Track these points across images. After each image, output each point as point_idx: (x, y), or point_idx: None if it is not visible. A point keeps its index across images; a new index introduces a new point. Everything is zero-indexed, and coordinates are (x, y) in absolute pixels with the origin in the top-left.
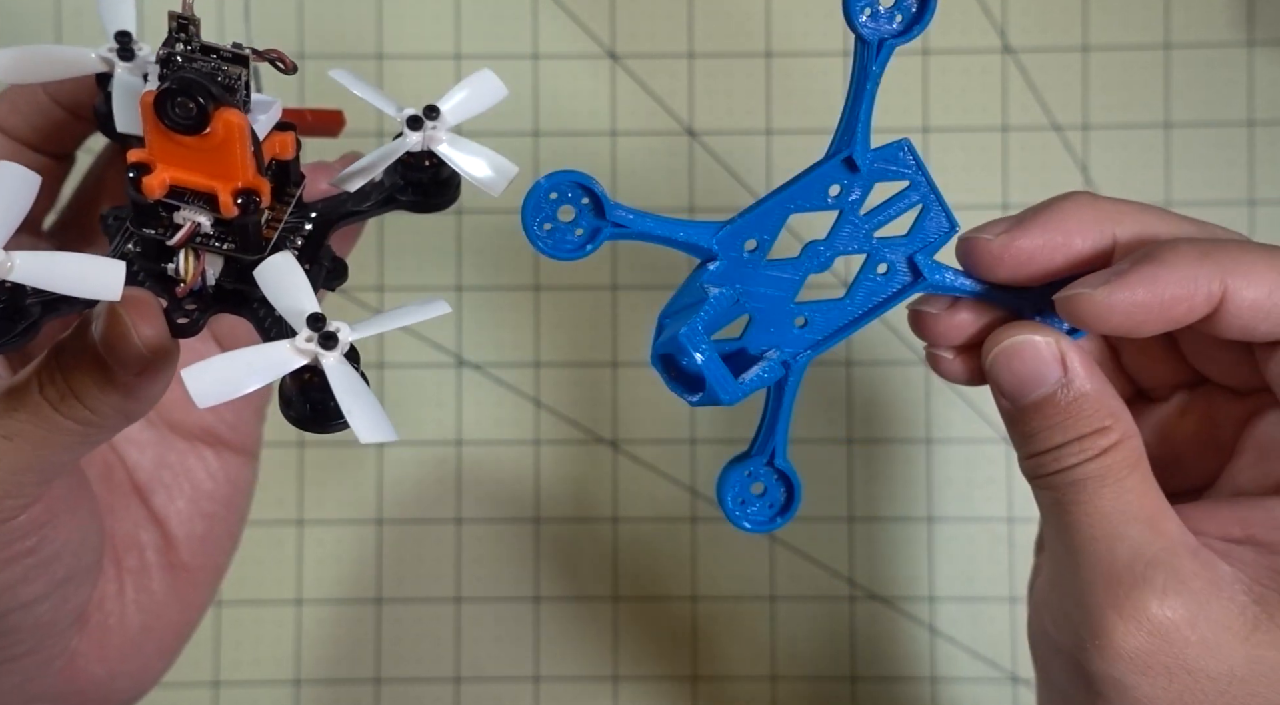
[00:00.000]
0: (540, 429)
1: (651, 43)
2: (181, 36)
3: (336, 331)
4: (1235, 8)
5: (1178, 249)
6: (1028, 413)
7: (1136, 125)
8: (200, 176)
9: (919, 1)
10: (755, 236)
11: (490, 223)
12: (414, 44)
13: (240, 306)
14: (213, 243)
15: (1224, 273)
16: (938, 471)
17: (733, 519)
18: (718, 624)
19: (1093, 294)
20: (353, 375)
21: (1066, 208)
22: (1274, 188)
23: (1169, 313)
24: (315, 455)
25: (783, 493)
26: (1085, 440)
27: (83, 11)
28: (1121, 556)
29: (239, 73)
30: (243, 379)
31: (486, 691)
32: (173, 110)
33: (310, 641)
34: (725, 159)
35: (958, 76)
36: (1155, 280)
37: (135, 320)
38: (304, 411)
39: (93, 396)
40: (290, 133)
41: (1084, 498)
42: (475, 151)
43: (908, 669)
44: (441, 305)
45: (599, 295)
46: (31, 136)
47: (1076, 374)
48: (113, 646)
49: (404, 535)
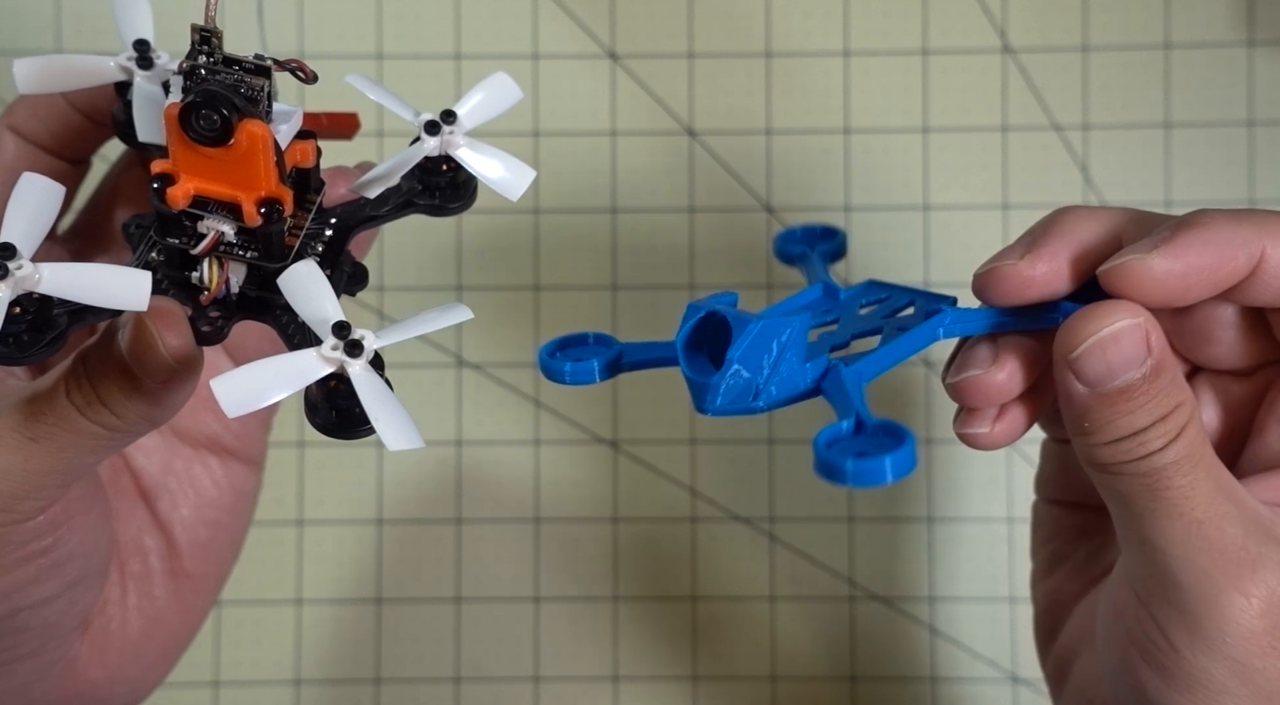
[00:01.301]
0: (540, 429)
1: (651, 43)
2: (204, 49)
3: (361, 339)
4: (1235, 8)
5: (1212, 215)
6: (1110, 398)
7: (1136, 125)
8: (223, 186)
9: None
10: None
11: (490, 223)
12: (414, 44)
13: (264, 313)
14: (236, 251)
15: (1261, 234)
16: (938, 471)
17: (852, 475)
18: (718, 624)
19: (1145, 259)
20: (379, 383)
21: (1069, 218)
22: (1274, 188)
23: (1216, 275)
24: (315, 455)
25: (888, 441)
26: (1167, 420)
27: (83, 13)
28: (1233, 535)
29: (261, 84)
30: (270, 388)
31: (486, 691)
32: (197, 123)
33: (310, 641)
34: (725, 159)
35: (958, 76)
36: (1204, 244)
37: (161, 330)
38: (330, 418)
39: (119, 403)
40: (311, 141)
41: (1181, 480)
42: (493, 155)
43: (908, 669)
44: (464, 311)
45: (599, 295)
46: (49, 141)
47: (1157, 350)
48: (113, 651)
49: (404, 535)
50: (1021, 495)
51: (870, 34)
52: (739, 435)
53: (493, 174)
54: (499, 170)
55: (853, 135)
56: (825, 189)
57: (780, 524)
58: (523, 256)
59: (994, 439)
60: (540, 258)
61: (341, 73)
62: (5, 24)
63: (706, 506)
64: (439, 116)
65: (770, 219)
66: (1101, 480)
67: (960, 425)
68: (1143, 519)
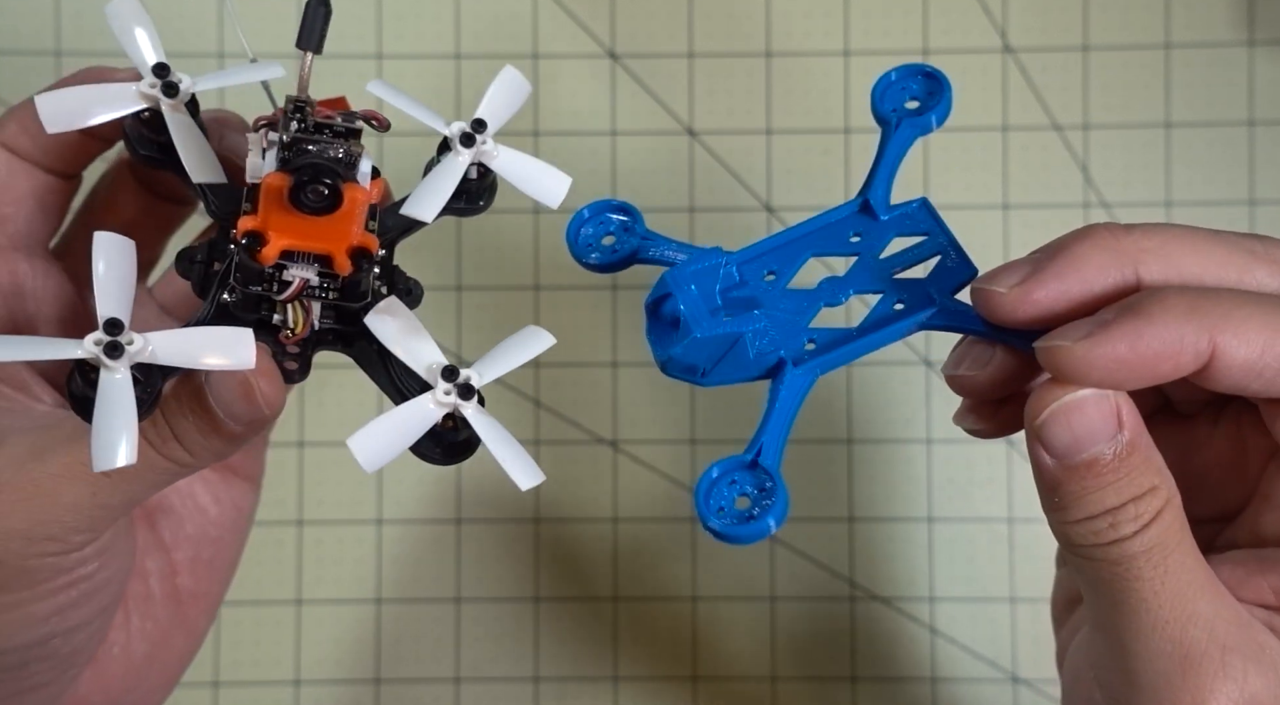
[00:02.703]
0: (540, 429)
1: (651, 43)
2: (298, 117)
3: (470, 381)
4: (1235, 8)
5: (1165, 302)
6: (1078, 472)
7: (1136, 125)
8: (316, 242)
9: (938, 90)
10: (773, 268)
11: (490, 223)
12: (414, 44)
13: (345, 345)
14: (319, 294)
15: (1213, 329)
16: (938, 471)
17: (701, 515)
18: (718, 624)
19: (1072, 348)
20: (495, 424)
21: (1084, 250)
22: (1274, 188)
23: (1154, 370)
24: (315, 455)
25: (765, 498)
26: (1140, 502)
27: (83, 13)
28: (1197, 640)
29: (359, 150)
30: (401, 438)
31: (486, 691)
32: (306, 196)
33: (310, 642)
34: (725, 159)
35: (958, 76)
36: (1139, 336)
37: (259, 381)
38: (435, 452)
39: (195, 441)
40: (380, 179)
41: (1149, 572)
42: (528, 164)
43: (908, 669)
44: (547, 337)
45: (599, 295)
46: (41, 157)
47: (1130, 427)
48: (116, 677)
49: (404, 535)
50: (1021, 495)
51: (870, 34)
52: (739, 435)
53: (532, 183)
54: (537, 176)
55: (852, 135)
56: (825, 189)
57: None
58: (523, 256)
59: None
60: (540, 258)
61: (342, 73)
62: (5, 24)
63: None
64: (470, 126)
65: (770, 219)
66: (1074, 563)
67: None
68: (1109, 610)
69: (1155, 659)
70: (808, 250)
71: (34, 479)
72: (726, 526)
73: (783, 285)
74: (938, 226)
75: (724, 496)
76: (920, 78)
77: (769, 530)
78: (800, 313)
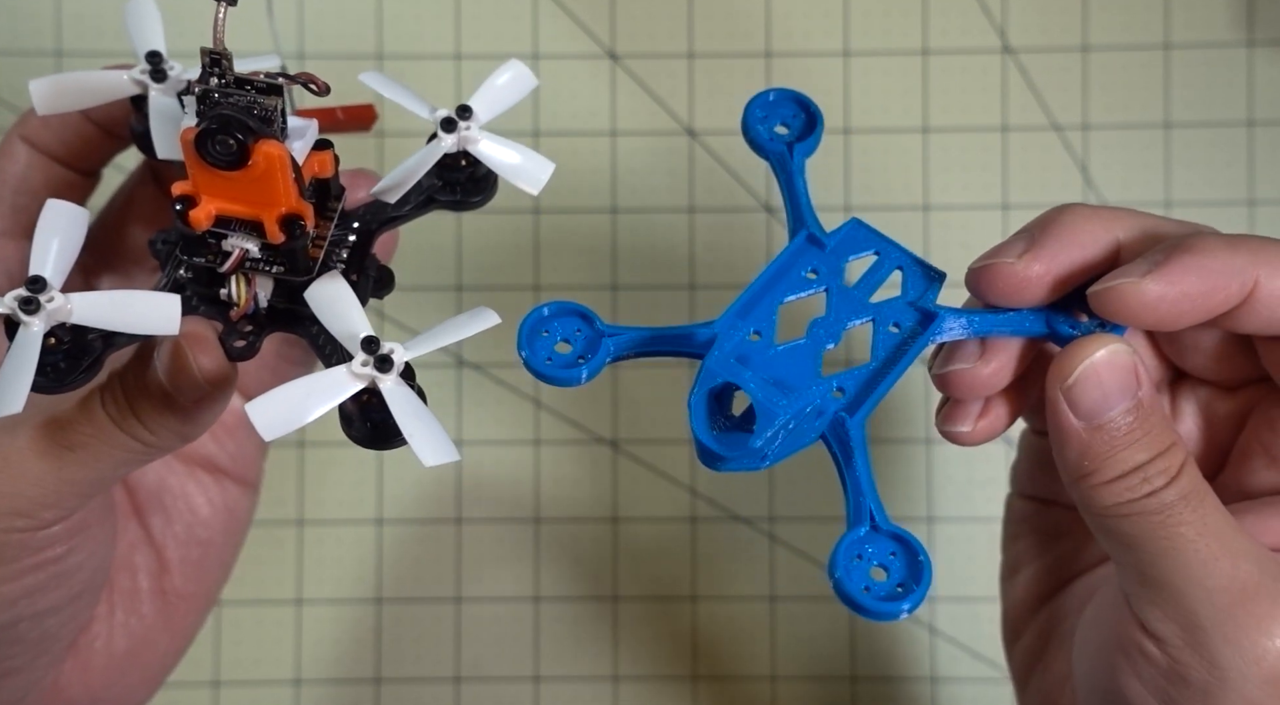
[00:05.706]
0: (540, 429)
1: (651, 43)
2: (215, 71)
3: (390, 353)
4: (1235, 8)
5: (1206, 240)
6: (1103, 432)
7: (1136, 125)
8: (245, 206)
9: (807, 118)
10: (754, 328)
11: (490, 223)
12: (414, 44)
13: (295, 325)
14: (262, 267)
15: (1256, 263)
16: (938, 471)
17: (862, 608)
18: (718, 624)
19: (1138, 284)
20: (411, 397)
21: (1072, 220)
22: (1274, 188)
23: (1208, 302)
24: (315, 455)
25: (904, 562)
26: (1165, 456)
27: (83, 13)
28: (1250, 572)
29: (275, 103)
30: (304, 408)
31: (486, 691)
32: (213, 148)
33: (310, 641)
34: (725, 159)
35: (958, 76)
36: (1199, 270)
37: (195, 353)
38: (365, 431)
39: (153, 418)
40: (329, 151)
41: (1190, 516)
42: (511, 148)
43: (908, 669)
44: (491, 316)
45: (599, 295)
46: (61, 152)
47: (1148, 386)
48: (96, 670)
49: (404, 535)
50: None
51: (870, 34)
52: None
53: (512, 167)
54: (518, 163)
55: (852, 135)
56: (825, 189)
57: (780, 524)
58: (523, 256)
59: (975, 436)
60: (540, 258)
61: (342, 73)
62: (5, 24)
63: (706, 506)
64: (455, 112)
65: (770, 219)
66: (1107, 526)
67: (943, 422)
68: (1156, 561)
69: (1214, 594)
70: (775, 299)
71: (3, 452)
72: (879, 602)
73: (770, 342)
74: (882, 242)
75: (864, 574)
76: (791, 103)
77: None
78: (805, 363)
